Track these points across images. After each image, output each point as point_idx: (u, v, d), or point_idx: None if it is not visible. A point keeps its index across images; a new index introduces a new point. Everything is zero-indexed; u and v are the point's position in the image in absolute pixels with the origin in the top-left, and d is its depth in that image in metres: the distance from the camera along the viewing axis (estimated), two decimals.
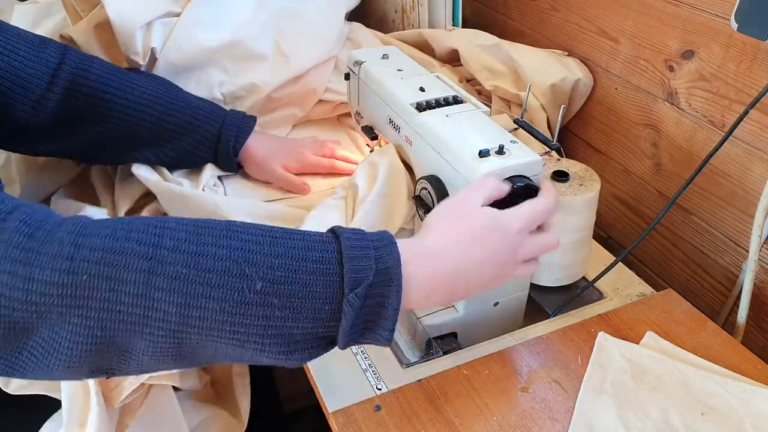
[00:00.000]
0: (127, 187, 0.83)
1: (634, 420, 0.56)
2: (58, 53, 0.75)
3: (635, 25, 0.83)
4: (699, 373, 0.60)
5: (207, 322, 0.43)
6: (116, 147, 0.81)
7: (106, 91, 0.77)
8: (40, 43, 0.75)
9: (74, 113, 0.76)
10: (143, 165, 0.82)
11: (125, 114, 0.78)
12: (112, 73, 0.78)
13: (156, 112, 0.79)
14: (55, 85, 0.74)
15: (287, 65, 0.91)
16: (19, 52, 0.72)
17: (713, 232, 0.79)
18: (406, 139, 0.71)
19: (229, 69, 0.88)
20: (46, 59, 0.74)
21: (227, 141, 0.83)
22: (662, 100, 0.82)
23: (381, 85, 0.75)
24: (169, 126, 0.80)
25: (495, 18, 1.14)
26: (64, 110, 0.76)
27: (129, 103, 0.78)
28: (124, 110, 0.78)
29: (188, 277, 0.42)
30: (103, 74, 0.77)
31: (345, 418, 0.57)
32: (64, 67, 0.75)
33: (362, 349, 0.65)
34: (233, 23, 0.87)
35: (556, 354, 0.63)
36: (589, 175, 0.71)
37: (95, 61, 0.78)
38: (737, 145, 0.73)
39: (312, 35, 0.94)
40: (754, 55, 0.68)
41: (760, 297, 0.74)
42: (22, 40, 0.73)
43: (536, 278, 0.73)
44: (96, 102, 0.77)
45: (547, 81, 0.91)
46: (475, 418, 0.57)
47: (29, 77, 0.72)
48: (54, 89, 0.74)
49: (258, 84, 0.89)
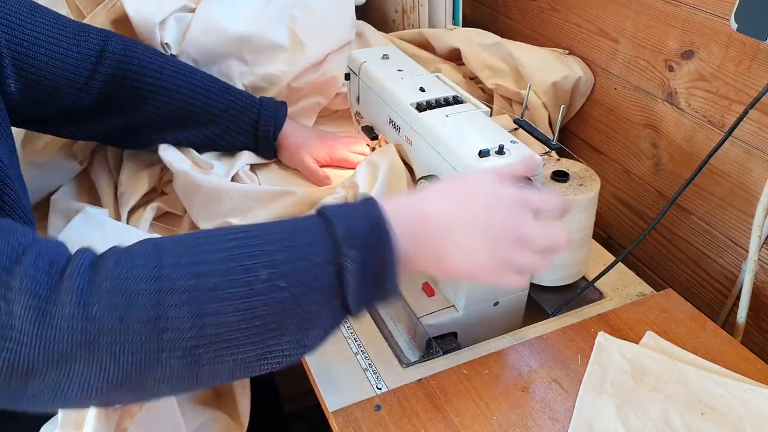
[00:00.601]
0: (132, 185, 0.84)
1: (633, 420, 0.56)
2: (100, 39, 0.76)
3: (635, 25, 0.83)
4: (699, 373, 0.60)
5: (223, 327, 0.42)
6: (156, 129, 0.83)
7: (149, 75, 0.79)
8: (81, 29, 0.76)
9: (118, 98, 0.78)
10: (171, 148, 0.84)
11: (167, 98, 0.80)
12: (154, 58, 0.80)
13: (198, 96, 0.82)
14: (99, 71, 0.76)
15: (304, 53, 0.92)
16: (63, 40, 0.73)
17: (713, 232, 0.79)
18: (406, 139, 0.71)
19: (248, 60, 0.90)
20: (89, 46, 0.75)
21: (266, 126, 0.86)
22: (662, 100, 0.82)
23: (381, 85, 0.75)
24: (210, 110, 0.83)
25: (495, 18, 1.14)
26: (108, 95, 0.77)
27: (171, 87, 0.80)
28: (166, 94, 0.80)
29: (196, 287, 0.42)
30: (145, 59, 0.79)
31: (345, 417, 0.57)
32: (107, 53, 0.76)
33: (362, 349, 0.65)
34: (247, 15, 0.88)
35: (556, 354, 0.63)
36: (589, 175, 0.71)
37: (137, 46, 0.80)
38: (737, 145, 0.73)
39: (325, 22, 0.95)
40: (753, 55, 0.68)
41: (760, 297, 0.74)
42: (63, 28, 0.74)
43: (536, 278, 0.73)
44: (139, 86, 0.78)
45: (548, 79, 0.91)
46: (475, 417, 0.57)
47: (73, 64, 0.74)
48: (98, 75, 0.76)
49: (277, 74, 0.91)
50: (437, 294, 0.70)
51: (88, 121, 0.79)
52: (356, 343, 0.66)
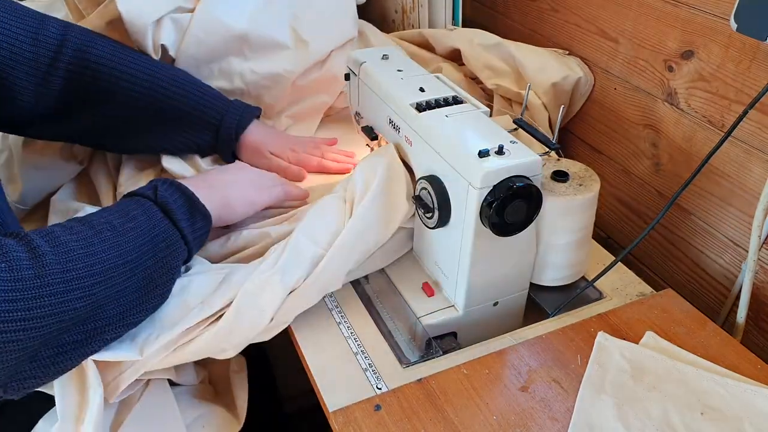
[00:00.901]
0: (132, 185, 0.83)
1: (633, 420, 0.56)
2: (59, 32, 0.74)
3: (634, 25, 0.83)
4: (699, 373, 0.60)
5: None
6: (119, 129, 0.81)
7: (108, 72, 0.77)
8: (39, 20, 0.73)
9: (77, 94, 0.76)
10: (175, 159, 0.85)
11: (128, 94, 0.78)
12: (115, 53, 0.78)
13: (162, 90, 0.80)
14: (58, 66, 0.74)
15: (307, 51, 0.92)
16: (19, 33, 0.71)
17: (713, 232, 0.79)
18: (405, 139, 0.71)
19: (250, 58, 0.89)
20: (47, 38, 0.73)
21: (230, 123, 0.84)
22: (662, 101, 0.82)
23: (381, 86, 0.75)
24: (170, 108, 0.81)
25: (495, 18, 1.14)
26: (67, 92, 0.76)
27: (132, 81, 0.78)
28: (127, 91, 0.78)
29: None
30: (106, 54, 0.77)
31: (345, 417, 0.57)
32: (66, 48, 0.74)
33: (362, 349, 0.66)
34: (248, 13, 0.87)
35: (555, 354, 0.63)
36: (589, 175, 0.71)
37: (97, 40, 0.77)
38: (736, 145, 0.73)
39: (327, 19, 0.95)
40: (753, 55, 0.68)
41: (760, 297, 0.74)
42: (19, 19, 0.71)
43: (536, 278, 0.73)
44: (98, 83, 0.76)
45: (548, 79, 0.91)
46: (474, 417, 0.57)
47: (31, 58, 0.72)
48: (57, 69, 0.74)
49: (281, 73, 0.90)
50: (437, 294, 0.70)
51: (51, 120, 0.77)
52: (356, 343, 0.66)
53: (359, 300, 0.72)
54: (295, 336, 0.67)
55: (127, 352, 0.60)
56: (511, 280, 0.69)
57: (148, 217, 0.62)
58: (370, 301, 0.72)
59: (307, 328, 0.68)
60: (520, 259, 0.68)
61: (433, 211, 0.66)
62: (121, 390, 0.62)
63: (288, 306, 0.64)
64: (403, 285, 0.72)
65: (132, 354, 0.60)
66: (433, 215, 0.66)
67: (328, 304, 0.71)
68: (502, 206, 0.59)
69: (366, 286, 0.74)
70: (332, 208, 0.69)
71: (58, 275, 0.52)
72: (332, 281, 0.67)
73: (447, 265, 0.68)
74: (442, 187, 0.64)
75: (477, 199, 0.59)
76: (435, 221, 0.66)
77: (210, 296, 0.63)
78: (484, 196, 0.59)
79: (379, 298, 0.72)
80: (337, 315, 0.70)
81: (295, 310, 0.66)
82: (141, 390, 0.68)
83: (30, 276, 0.51)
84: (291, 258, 0.64)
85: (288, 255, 0.64)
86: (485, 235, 0.61)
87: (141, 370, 0.62)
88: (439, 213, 0.65)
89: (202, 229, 0.67)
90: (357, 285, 0.74)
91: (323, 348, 0.66)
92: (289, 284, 0.64)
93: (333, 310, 0.70)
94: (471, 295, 0.67)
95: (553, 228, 0.68)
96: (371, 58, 0.80)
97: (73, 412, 0.59)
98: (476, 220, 0.60)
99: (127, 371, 0.62)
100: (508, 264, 0.67)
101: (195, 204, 0.66)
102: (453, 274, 0.67)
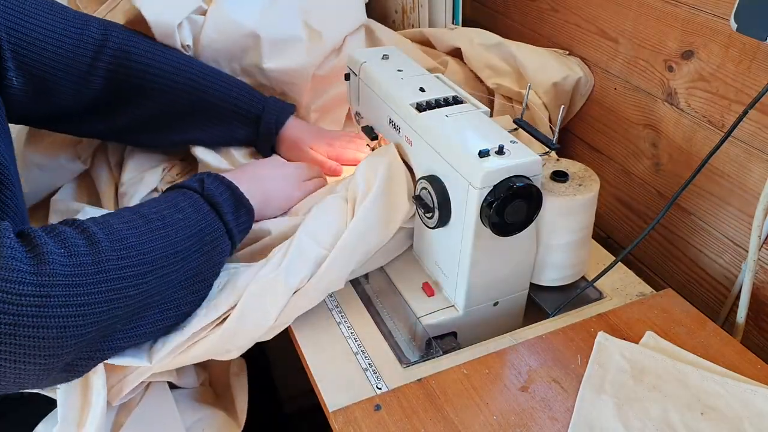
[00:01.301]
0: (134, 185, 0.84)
1: (633, 419, 0.56)
2: (101, 31, 0.76)
3: (634, 25, 0.83)
4: (699, 373, 0.60)
5: None
6: (158, 125, 0.83)
7: (149, 71, 0.78)
8: (82, 21, 0.75)
9: (117, 93, 0.78)
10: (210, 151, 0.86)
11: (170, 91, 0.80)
12: (154, 51, 0.80)
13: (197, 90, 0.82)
14: (98, 65, 0.75)
15: (322, 41, 0.92)
16: (64, 33, 0.73)
17: (713, 232, 0.79)
18: (406, 139, 0.71)
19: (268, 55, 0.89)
20: (89, 38, 0.75)
21: (269, 119, 0.86)
22: (662, 101, 0.82)
23: (381, 86, 0.75)
24: (210, 104, 0.83)
25: (495, 18, 1.14)
26: (108, 90, 0.77)
27: (173, 79, 0.80)
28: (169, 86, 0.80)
29: None
30: (146, 53, 0.79)
31: (345, 417, 0.57)
32: (107, 45, 0.76)
33: (362, 349, 0.66)
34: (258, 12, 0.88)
35: (555, 353, 0.63)
36: (589, 175, 0.71)
37: (137, 39, 0.79)
38: (736, 145, 0.73)
39: (336, 6, 0.96)
40: (753, 55, 0.68)
41: (760, 297, 0.74)
42: (64, 20, 0.73)
43: (536, 278, 0.73)
44: (138, 81, 0.78)
45: (549, 79, 0.91)
46: (474, 417, 0.57)
47: (73, 58, 0.73)
48: (98, 68, 0.75)
49: (300, 66, 0.91)
50: (437, 294, 0.70)
51: (90, 117, 0.79)
52: (356, 342, 0.66)
53: (359, 300, 0.72)
54: (295, 336, 0.67)
55: (135, 357, 0.60)
56: (511, 280, 0.69)
57: (195, 209, 0.63)
58: (370, 301, 0.72)
59: (307, 328, 0.68)
60: (520, 259, 0.68)
61: (433, 211, 0.66)
62: (124, 393, 0.62)
63: (291, 306, 0.64)
64: (403, 285, 0.72)
65: (140, 360, 0.60)
66: (433, 215, 0.66)
67: (328, 304, 0.71)
68: (502, 206, 0.59)
69: (366, 285, 0.74)
70: (334, 209, 0.69)
71: (113, 262, 0.54)
72: (335, 281, 0.67)
73: (447, 265, 0.68)
74: (443, 187, 0.64)
75: (477, 199, 0.59)
76: (435, 221, 0.66)
77: (214, 299, 0.63)
78: (484, 196, 0.59)
79: (379, 298, 0.72)
80: (337, 315, 0.70)
81: (298, 310, 0.66)
82: (141, 393, 0.68)
83: (88, 262, 0.52)
84: (294, 259, 0.64)
85: (291, 256, 0.64)
86: (485, 235, 0.61)
87: (146, 374, 0.62)
88: (439, 213, 0.65)
89: (245, 224, 0.68)
90: (357, 285, 0.74)
91: (323, 348, 0.66)
92: (293, 285, 0.64)
93: (333, 310, 0.70)
94: (471, 295, 0.67)
95: (553, 228, 0.68)
96: (371, 58, 0.80)
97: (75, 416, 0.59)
98: (476, 220, 0.60)
99: (131, 375, 0.62)
100: (508, 264, 0.67)
101: (240, 198, 0.68)
102: (453, 274, 0.67)
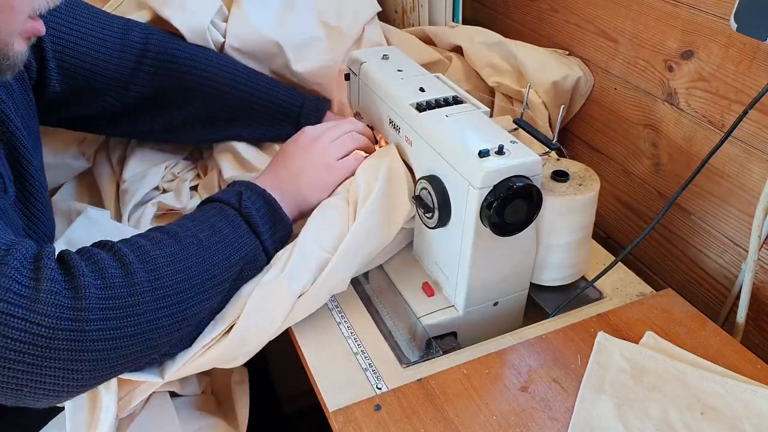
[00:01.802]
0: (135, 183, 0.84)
1: (633, 420, 0.56)
2: (143, 37, 0.77)
3: (634, 25, 0.83)
4: (698, 373, 0.61)
5: None
6: (200, 125, 0.84)
7: (193, 72, 0.79)
8: (124, 27, 0.76)
9: (162, 95, 0.79)
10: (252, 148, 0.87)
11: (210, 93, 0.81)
12: (195, 53, 0.81)
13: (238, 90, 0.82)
14: (142, 69, 0.76)
15: (343, 35, 0.93)
16: (106, 40, 0.73)
17: (713, 232, 0.79)
18: (406, 139, 0.71)
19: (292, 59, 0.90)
20: (131, 44, 0.75)
21: (308, 118, 0.87)
22: (662, 101, 0.82)
23: (381, 86, 0.75)
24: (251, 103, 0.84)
25: (495, 18, 1.14)
26: (152, 92, 0.78)
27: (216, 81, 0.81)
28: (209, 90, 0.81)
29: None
30: (187, 55, 0.80)
31: (345, 417, 0.57)
32: (149, 51, 0.77)
33: (362, 349, 0.66)
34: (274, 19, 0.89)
35: (555, 354, 0.63)
36: (589, 175, 0.71)
37: (177, 42, 0.80)
38: (736, 145, 0.73)
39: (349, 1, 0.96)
40: (753, 55, 0.68)
41: (760, 297, 0.74)
42: (105, 27, 0.74)
43: (536, 278, 0.73)
44: (183, 83, 0.79)
45: (549, 79, 0.91)
46: (474, 417, 0.57)
47: (116, 63, 0.74)
48: (141, 73, 0.76)
49: (326, 65, 0.91)
50: (437, 294, 0.70)
51: (134, 118, 0.80)
52: (356, 342, 0.66)
53: (359, 300, 0.72)
54: (295, 336, 0.67)
55: (146, 373, 0.60)
56: (511, 280, 0.69)
57: (233, 229, 0.62)
58: (370, 301, 0.72)
59: (307, 328, 0.68)
60: (520, 259, 0.68)
61: (433, 211, 0.66)
62: (132, 406, 0.62)
63: (296, 310, 0.64)
64: (403, 285, 0.72)
65: (152, 375, 0.60)
66: (433, 215, 0.66)
67: (328, 304, 0.71)
68: (502, 206, 0.59)
69: (366, 285, 0.74)
70: (336, 211, 0.69)
71: (147, 294, 0.53)
72: (338, 284, 0.67)
73: (447, 265, 0.68)
74: (442, 187, 0.64)
75: (477, 199, 0.59)
76: (435, 221, 0.66)
77: None
78: (484, 196, 0.59)
79: (379, 297, 0.72)
80: (337, 315, 0.70)
81: (302, 313, 0.66)
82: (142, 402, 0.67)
83: (123, 295, 0.52)
84: (297, 263, 0.64)
85: (294, 261, 0.64)
86: (485, 235, 0.61)
87: (156, 386, 0.62)
88: (439, 213, 0.65)
89: (281, 240, 0.67)
90: (357, 285, 0.74)
91: (323, 348, 0.66)
92: (297, 290, 0.64)
93: (333, 310, 0.70)
94: (471, 295, 0.67)
95: (553, 228, 0.68)
96: (371, 58, 0.80)
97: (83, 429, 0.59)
98: (476, 220, 0.60)
99: (140, 387, 0.61)
100: (508, 264, 0.67)
101: (277, 213, 0.67)
102: (453, 274, 0.67)
